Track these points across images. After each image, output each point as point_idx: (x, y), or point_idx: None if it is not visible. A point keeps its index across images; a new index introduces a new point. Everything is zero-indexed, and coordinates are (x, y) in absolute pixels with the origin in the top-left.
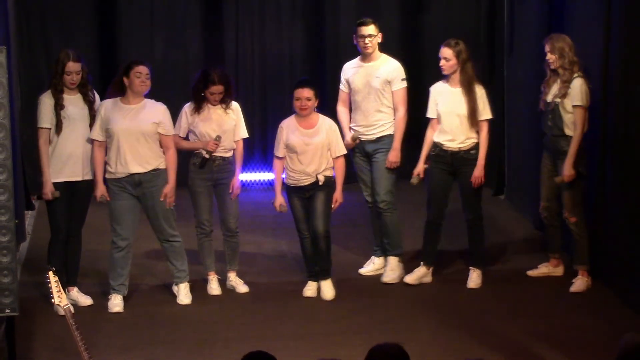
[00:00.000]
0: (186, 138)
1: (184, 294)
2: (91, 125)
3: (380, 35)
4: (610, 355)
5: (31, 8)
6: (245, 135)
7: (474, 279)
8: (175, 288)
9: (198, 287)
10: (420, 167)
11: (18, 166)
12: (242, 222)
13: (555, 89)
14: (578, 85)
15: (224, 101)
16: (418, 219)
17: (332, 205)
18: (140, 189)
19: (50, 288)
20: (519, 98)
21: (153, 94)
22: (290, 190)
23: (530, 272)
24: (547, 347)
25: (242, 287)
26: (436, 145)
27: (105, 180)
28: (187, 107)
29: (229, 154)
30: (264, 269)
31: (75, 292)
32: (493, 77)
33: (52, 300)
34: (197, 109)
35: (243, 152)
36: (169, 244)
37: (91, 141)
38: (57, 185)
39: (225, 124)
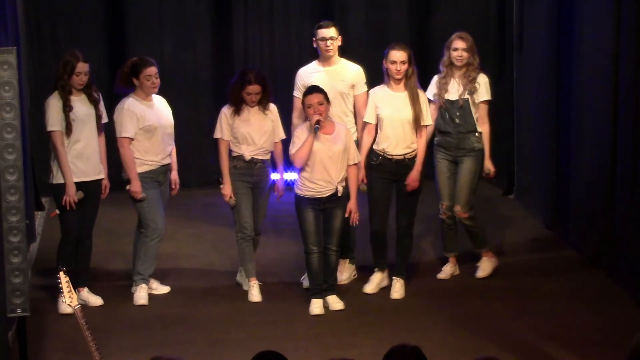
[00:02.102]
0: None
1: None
2: (97, 125)
3: (340, 38)
4: (622, 355)
5: (41, 9)
6: (284, 136)
7: (398, 289)
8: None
9: (210, 285)
10: (363, 173)
11: (28, 167)
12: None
13: (455, 86)
14: (486, 81)
15: (262, 103)
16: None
17: (347, 215)
18: (164, 177)
19: (61, 288)
20: (528, 98)
21: (162, 93)
22: (304, 201)
23: (440, 275)
24: (558, 346)
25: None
26: (377, 154)
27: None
28: (226, 109)
29: (268, 157)
30: (274, 269)
31: (85, 292)
32: (502, 76)
33: (62, 298)
34: (236, 111)
35: (283, 153)
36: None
37: (119, 140)
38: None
39: (264, 126)
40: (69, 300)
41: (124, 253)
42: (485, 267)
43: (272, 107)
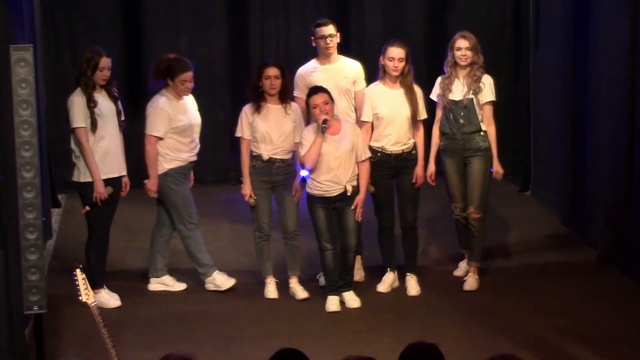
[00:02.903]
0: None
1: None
2: (118, 121)
3: (339, 35)
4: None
5: (57, 6)
6: None
7: (414, 285)
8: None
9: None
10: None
11: (44, 164)
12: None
13: (459, 86)
14: (491, 82)
15: (283, 96)
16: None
17: (352, 208)
18: (189, 173)
19: (78, 285)
20: (544, 94)
21: None
22: (314, 200)
23: (456, 272)
24: (575, 343)
25: (301, 293)
26: (376, 151)
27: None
28: (247, 108)
29: (289, 156)
30: None
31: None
32: (519, 73)
33: (80, 297)
34: (256, 108)
35: None
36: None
37: (149, 138)
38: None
39: (284, 125)
40: (85, 297)
41: (140, 249)
42: (472, 282)
43: (295, 106)
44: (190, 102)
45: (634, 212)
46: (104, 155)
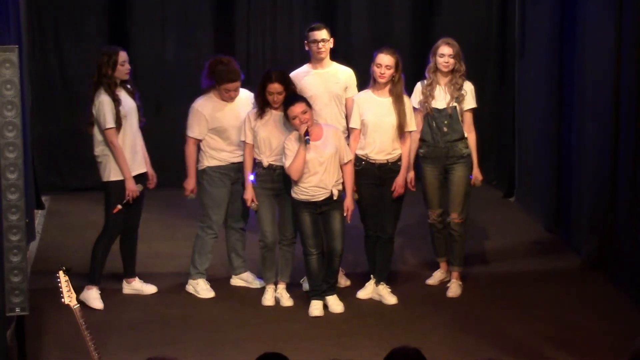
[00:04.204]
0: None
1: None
2: (138, 117)
3: (332, 40)
4: (622, 358)
5: (42, 7)
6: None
7: (388, 295)
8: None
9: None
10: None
11: (28, 165)
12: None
13: (442, 93)
14: (472, 89)
15: None
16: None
17: (345, 214)
18: (236, 175)
19: (60, 287)
20: (530, 101)
21: (164, 94)
22: (301, 205)
23: (429, 281)
24: (558, 349)
25: (286, 301)
26: (361, 159)
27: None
28: (251, 113)
29: None
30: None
31: (137, 282)
32: (504, 80)
33: (62, 299)
34: (259, 114)
35: None
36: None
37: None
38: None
39: (285, 131)
40: (68, 299)
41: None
42: (455, 289)
43: None
44: (240, 104)
45: (618, 218)
46: (132, 152)
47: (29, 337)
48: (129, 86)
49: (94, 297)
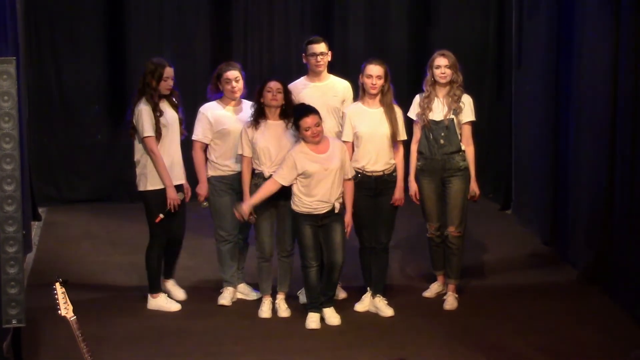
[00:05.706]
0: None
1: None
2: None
3: (330, 53)
4: None
5: (40, 19)
6: None
7: (385, 307)
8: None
9: (207, 298)
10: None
11: (25, 177)
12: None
13: (439, 105)
14: (470, 101)
15: (285, 114)
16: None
17: (346, 230)
18: (240, 187)
19: (57, 299)
20: (527, 112)
21: None
22: (302, 218)
23: (425, 294)
24: None
25: (284, 312)
26: (357, 172)
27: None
28: (246, 125)
29: None
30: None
31: (171, 284)
32: (501, 91)
33: (59, 311)
34: (255, 124)
35: None
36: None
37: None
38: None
39: (283, 139)
40: (65, 311)
41: (120, 264)
42: (451, 301)
43: None
44: (245, 111)
45: (615, 232)
46: (172, 163)
47: (25, 349)
48: (174, 99)
49: (164, 302)
